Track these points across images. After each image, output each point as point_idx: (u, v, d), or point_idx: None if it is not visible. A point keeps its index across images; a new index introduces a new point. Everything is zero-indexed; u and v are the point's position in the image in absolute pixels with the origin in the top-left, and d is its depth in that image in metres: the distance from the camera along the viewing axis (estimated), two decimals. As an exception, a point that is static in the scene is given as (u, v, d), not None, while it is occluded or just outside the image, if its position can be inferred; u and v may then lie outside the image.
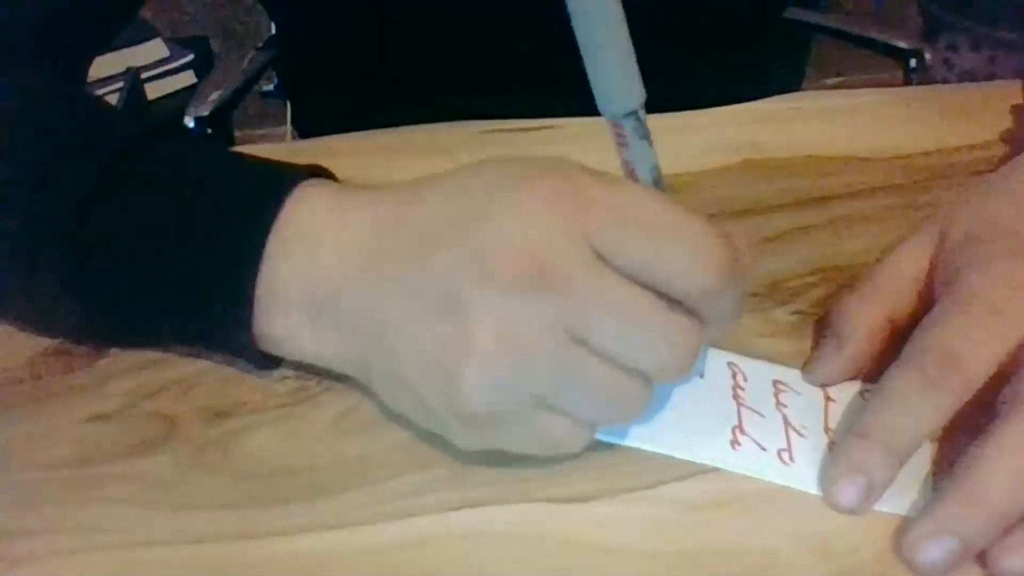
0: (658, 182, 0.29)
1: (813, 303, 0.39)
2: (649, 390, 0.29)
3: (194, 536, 0.30)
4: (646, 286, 0.27)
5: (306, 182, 0.33)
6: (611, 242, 0.27)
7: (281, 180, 0.33)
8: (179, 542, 0.29)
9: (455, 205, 0.29)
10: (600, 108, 0.28)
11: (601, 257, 0.27)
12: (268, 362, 0.34)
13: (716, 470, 0.31)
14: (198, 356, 0.36)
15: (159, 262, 0.32)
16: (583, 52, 0.26)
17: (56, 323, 0.37)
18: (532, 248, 0.27)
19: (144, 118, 0.39)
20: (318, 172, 0.35)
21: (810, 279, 0.40)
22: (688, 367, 0.28)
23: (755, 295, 0.39)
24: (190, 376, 0.35)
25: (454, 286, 0.28)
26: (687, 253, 0.27)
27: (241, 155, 0.35)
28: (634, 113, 0.28)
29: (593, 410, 0.29)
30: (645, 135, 0.29)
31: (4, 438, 0.33)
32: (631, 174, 0.29)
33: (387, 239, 0.30)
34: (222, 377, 0.35)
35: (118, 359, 0.36)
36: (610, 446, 0.32)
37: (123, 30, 0.51)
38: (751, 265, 0.30)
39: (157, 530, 0.30)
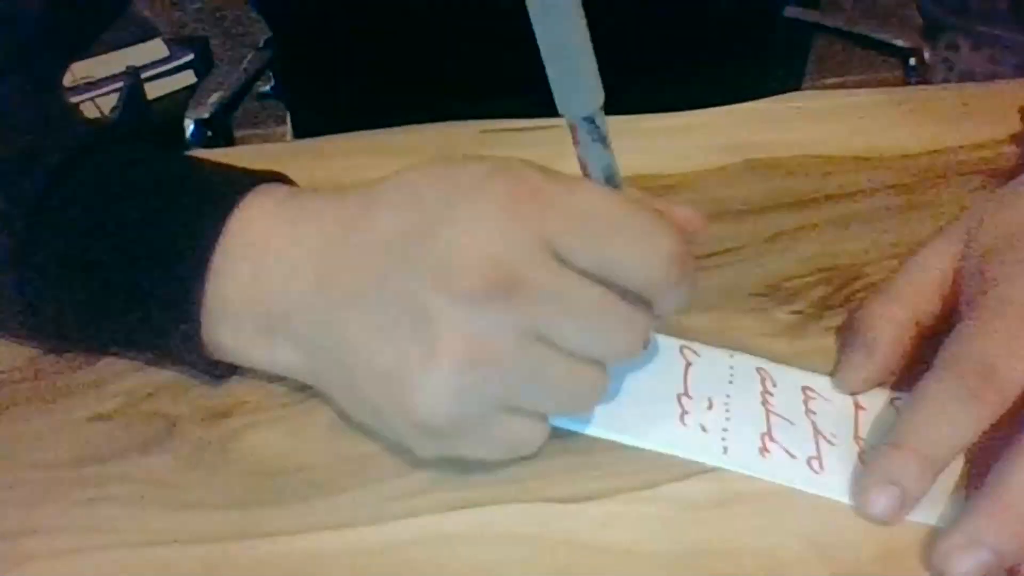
0: (611, 179, 0.30)
1: (813, 303, 0.39)
2: (605, 374, 0.30)
3: (194, 536, 0.30)
4: (601, 280, 0.28)
5: (253, 192, 0.32)
6: (567, 243, 0.28)
7: (227, 192, 0.32)
8: (179, 542, 0.29)
9: (410, 218, 0.29)
10: (557, 107, 0.28)
11: (557, 256, 0.28)
12: (222, 370, 0.34)
13: (716, 470, 0.31)
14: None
15: (106, 274, 0.32)
16: (542, 52, 0.26)
17: (10, 327, 0.37)
18: (493, 258, 0.27)
19: (98, 124, 0.38)
20: (271, 177, 0.34)
21: (810, 279, 0.40)
22: (639, 350, 0.30)
23: (755, 295, 0.39)
24: (190, 376, 0.35)
25: (417, 301, 0.28)
26: (639, 251, 0.28)
27: (193, 161, 0.35)
28: (590, 117, 0.28)
29: (553, 403, 0.30)
30: (600, 138, 0.28)
31: (4, 438, 0.33)
32: (584, 170, 0.29)
33: (340, 255, 0.30)
34: (222, 377, 0.35)
35: (118, 359, 0.36)
36: (610, 446, 0.32)
37: (123, 30, 0.51)
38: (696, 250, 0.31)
39: (157, 530, 0.30)
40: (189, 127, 0.83)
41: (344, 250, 0.30)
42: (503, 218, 0.28)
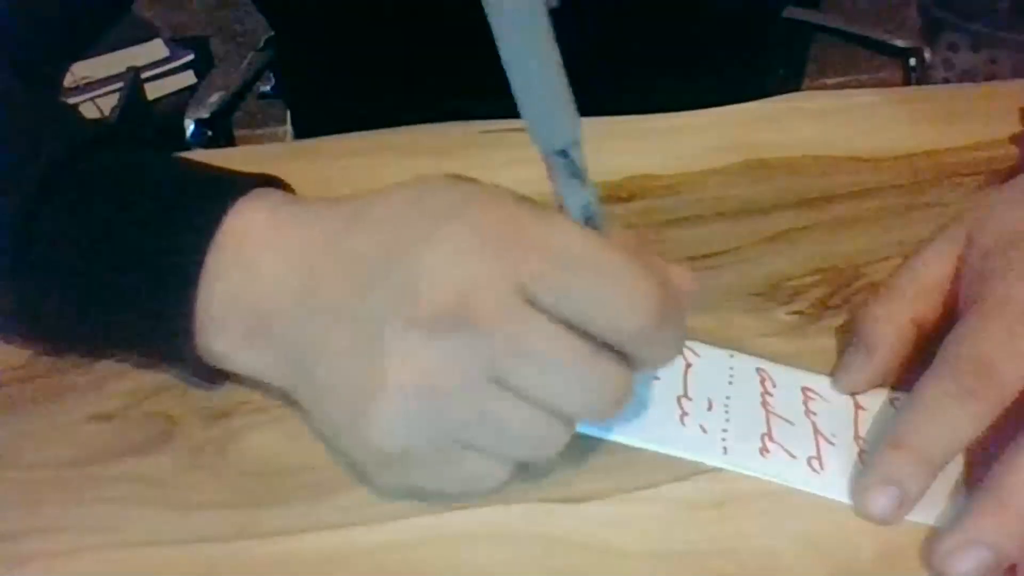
0: (592, 220, 0.28)
1: (813, 303, 0.39)
2: (571, 429, 0.29)
3: (194, 536, 0.30)
4: (575, 328, 0.27)
5: (246, 197, 0.32)
6: (540, 285, 0.26)
7: (220, 196, 0.32)
8: (179, 542, 0.29)
9: (389, 238, 0.29)
10: (530, 138, 0.26)
11: (530, 298, 0.27)
12: (215, 375, 0.34)
13: (716, 470, 0.31)
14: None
15: (99, 278, 0.32)
16: (509, 77, 0.24)
17: (8, 328, 0.37)
18: (457, 289, 0.26)
19: (92, 124, 0.38)
20: (266, 180, 0.34)
21: (810, 279, 0.40)
22: (614, 412, 0.28)
23: (755, 295, 0.39)
24: (190, 376, 0.35)
25: (378, 323, 0.27)
26: (617, 297, 0.26)
27: (188, 164, 0.35)
28: (563, 151, 0.26)
29: (511, 449, 0.29)
30: (576, 173, 0.26)
31: (4, 438, 0.33)
32: (563, 208, 0.28)
33: (323, 267, 0.30)
34: (222, 377, 0.35)
35: (118, 359, 0.36)
36: (610, 446, 0.32)
37: (123, 30, 0.51)
38: (687, 305, 0.29)
39: (157, 530, 0.30)
40: (189, 127, 0.83)
41: (326, 262, 0.30)
42: (475, 251, 0.27)
